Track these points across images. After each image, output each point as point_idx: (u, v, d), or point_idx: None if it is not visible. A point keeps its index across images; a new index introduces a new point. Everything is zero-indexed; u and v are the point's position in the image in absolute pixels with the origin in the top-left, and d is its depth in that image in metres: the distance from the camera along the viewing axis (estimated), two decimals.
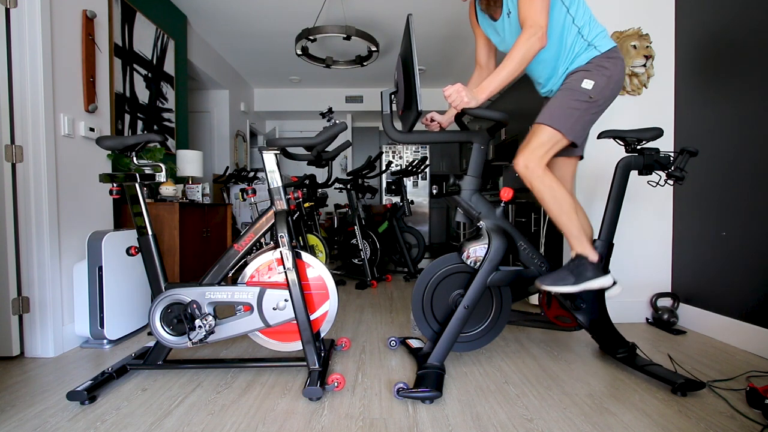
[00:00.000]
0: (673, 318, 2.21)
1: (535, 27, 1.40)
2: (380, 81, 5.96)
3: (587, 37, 1.53)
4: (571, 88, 1.53)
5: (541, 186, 1.51)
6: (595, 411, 1.33)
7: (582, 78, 1.51)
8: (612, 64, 1.52)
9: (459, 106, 1.44)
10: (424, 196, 6.71)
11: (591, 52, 1.53)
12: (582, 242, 1.54)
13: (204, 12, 3.85)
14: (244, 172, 4.55)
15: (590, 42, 1.53)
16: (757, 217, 1.84)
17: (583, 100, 1.50)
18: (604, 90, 1.50)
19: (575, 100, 1.50)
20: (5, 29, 1.78)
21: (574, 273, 1.52)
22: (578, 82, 1.52)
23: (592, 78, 1.50)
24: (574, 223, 1.54)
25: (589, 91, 1.49)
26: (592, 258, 1.53)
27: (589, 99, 1.49)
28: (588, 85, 1.49)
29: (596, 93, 1.49)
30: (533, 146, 1.52)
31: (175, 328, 1.57)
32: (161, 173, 1.61)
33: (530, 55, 1.43)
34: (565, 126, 1.49)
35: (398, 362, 1.76)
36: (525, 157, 1.52)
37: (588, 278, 1.50)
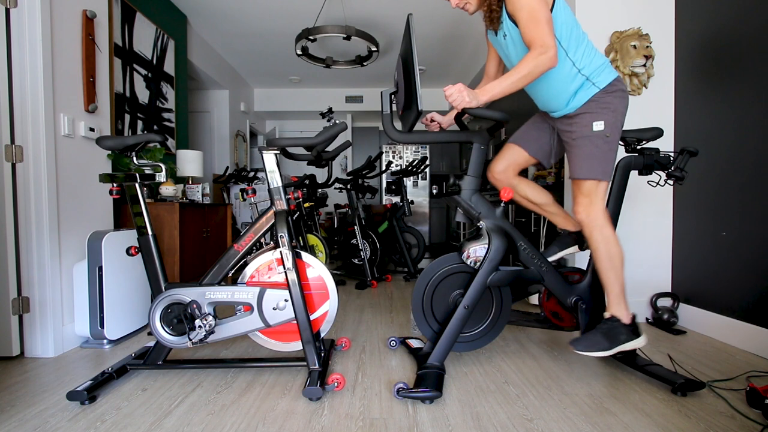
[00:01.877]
0: (673, 318, 2.21)
1: (546, 46, 1.39)
2: (380, 81, 5.96)
3: (584, 72, 1.52)
4: (586, 136, 1.53)
5: (600, 237, 1.53)
6: (595, 411, 1.33)
7: (590, 122, 1.52)
8: (613, 98, 1.52)
9: (460, 106, 1.44)
10: (424, 196, 6.71)
11: (590, 89, 1.52)
12: (620, 304, 1.54)
13: (204, 12, 3.85)
14: (244, 172, 4.55)
15: (588, 77, 1.52)
16: (757, 217, 1.84)
17: (603, 142, 1.51)
18: (615, 124, 1.52)
19: (596, 147, 1.52)
20: (5, 29, 1.78)
21: (608, 337, 1.51)
22: (588, 127, 1.52)
23: (600, 118, 1.51)
24: (620, 282, 1.54)
25: (603, 131, 1.51)
26: (626, 320, 1.53)
27: (606, 138, 1.51)
28: (600, 127, 1.51)
29: (609, 130, 1.51)
30: (584, 196, 1.55)
31: (175, 328, 1.57)
32: (161, 173, 1.61)
33: (538, 72, 1.42)
34: (600, 172, 1.52)
35: (398, 362, 1.76)
36: (586, 208, 1.55)
37: (622, 341, 1.50)
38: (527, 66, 1.41)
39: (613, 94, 1.52)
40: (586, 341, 1.52)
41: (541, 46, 1.40)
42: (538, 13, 1.39)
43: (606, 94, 1.51)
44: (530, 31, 1.41)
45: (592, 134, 1.52)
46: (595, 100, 1.52)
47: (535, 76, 1.43)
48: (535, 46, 1.41)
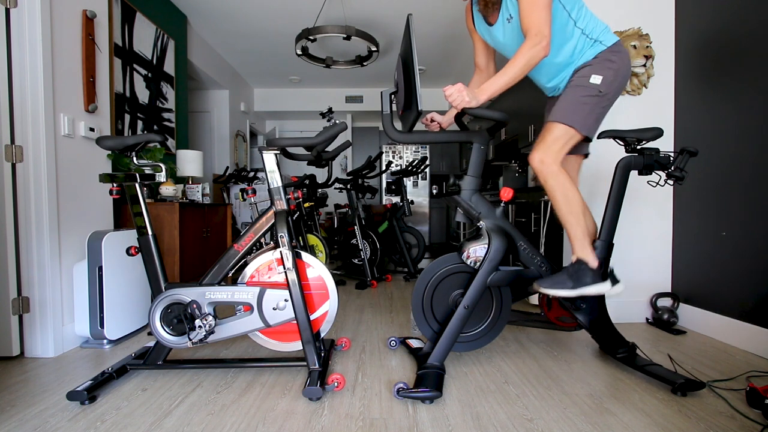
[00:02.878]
0: (673, 318, 2.21)
1: (540, 36, 1.41)
2: (380, 81, 5.96)
3: (591, 35, 1.55)
4: (580, 84, 1.54)
5: (555, 183, 1.52)
6: (595, 411, 1.33)
7: (590, 73, 1.53)
8: (618, 58, 1.53)
9: (460, 106, 1.44)
10: (424, 196, 6.71)
11: (597, 47, 1.55)
12: (584, 247, 1.54)
13: (204, 12, 3.85)
14: (244, 172, 4.55)
15: (595, 38, 1.55)
16: (757, 217, 1.84)
17: (593, 94, 1.51)
18: (612, 83, 1.52)
19: (585, 96, 1.52)
20: (5, 29, 1.78)
21: (573, 278, 1.52)
22: (586, 78, 1.53)
23: (600, 72, 1.51)
24: (581, 226, 1.54)
25: (598, 85, 1.51)
26: (592, 264, 1.53)
27: (599, 93, 1.51)
28: (596, 80, 1.51)
29: (605, 87, 1.51)
30: (548, 142, 1.53)
31: (175, 328, 1.57)
32: (161, 173, 1.61)
33: (533, 63, 1.44)
34: (578, 121, 1.51)
35: (398, 362, 1.76)
36: (540, 152, 1.53)
37: (586, 284, 1.51)
38: (523, 58, 1.42)
39: (618, 53, 1.54)
40: (551, 280, 1.53)
41: (536, 35, 1.41)
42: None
43: (611, 53, 1.53)
44: (528, 15, 1.43)
45: (586, 84, 1.53)
46: (599, 57, 1.54)
47: (531, 67, 1.44)
48: (530, 35, 1.42)
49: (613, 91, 1.53)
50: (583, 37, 1.55)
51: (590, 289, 1.51)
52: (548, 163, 1.51)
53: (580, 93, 1.53)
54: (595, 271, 1.53)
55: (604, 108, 1.55)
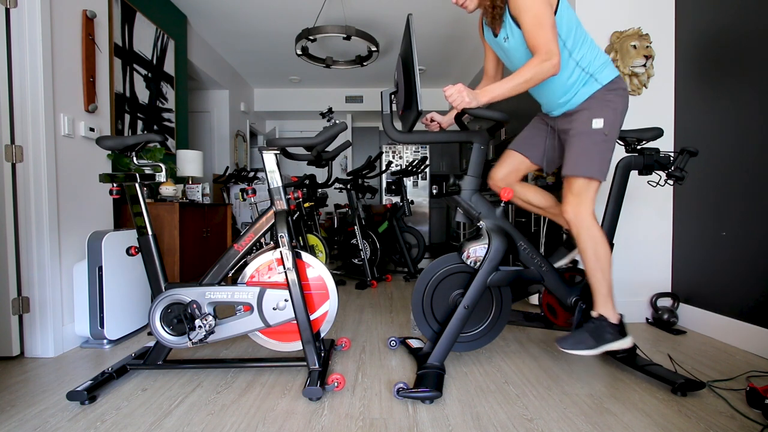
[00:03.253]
0: (673, 318, 2.21)
1: (551, 54, 1.38)
2: (380, 81, 5.96)
3: (587, 69, 1.52)
4: (584, 132, 1.52)
5: (587, 237, 1.52)
6: (595, 411, 1.33)
7: (590, 119, 1.51)
8: (614, 96, 1.51)
9: (460, 106, 1.44)
10: (424, 196, 6.71)
11: (592, 85, 1.52)
12: (607, 303, 1.53)
13: (204, 12, 3.85)
14: (244, 172, 4.55)
15: (591, 74, 1.52)
16: (757, 217, 1.84)
17: (600, 140, 1.50)
18: (614, 123, 1.51)
19: (594, 144, 1.51)
20: (5, 29, 1.78)
21: (594, 336, 1.50)
22: (587, 124, 1.51)
23: (600, 115, 1.50)
24: (607, 283, 1.53)
25: (601, 129, 1.50)
26: (613, 320, 1.52)
27: (605, 136, 1.50)
28: (599, 125, 1.50)
29: (608, 128, 1.50)
30: (575, 195, 1.53)
31: (175, 328, 1.57)
32: (161, 173, 1.61)
33: (539, 78, 1.41)
34: (596, 170, 1.51)
35: (398, 362, 1.76)
36: (573, 206, 1.54)
37: (607, 341, 1.50)
38: (530, 71, 1.40)
39: (615, 91, 1.51)
40: (572, 339, 1.52)
41: (546, 53, 1.39)
42: (543, 17, 1.38)
43: (608, 92, 1.51)
44: (534, 37, 1.40)
45: (590, 131, 1.51)
46: (596, 97, 1.52)
47: (537, 81, 1.42)
48: (540, 53, 1.40)
49: (616, 130, 1.53)
50: (578, 69, 1.52)
51: (612, 346, 1.50)
52: (583, 216, 1.52)
53: (587, 141, 1.52)
54: (615, 326, 1.52)
55: (612, 147, 1.54)
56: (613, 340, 1.50)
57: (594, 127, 1.50)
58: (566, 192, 1.57)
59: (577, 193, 1.54)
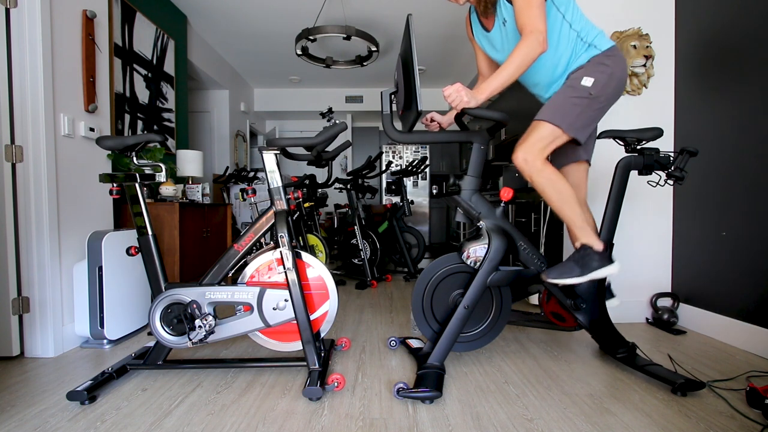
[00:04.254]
0: (673, 318, 2.21)
1: (536, 32, 1.40)
2: (380, 81, 5.96)
3: (586, 39, 1.54)
4: (571, 85, 1.53)
5: (541, 179, 1.51)
6: (595, 411, 1.33)
7: (582, 76, 1.52)
8: (612, 62, 1.51)
9: (459, 106, 1.44)
10: (424, 196, 6.71)
11: (591, 51, 1.53)
12: (586, 232, 1.54)
13: (204, 12, 3.85)
14: (244, 172, 4.55)
15: (590, 42, 1.54)
16: (757, 217, 1.84)
17: (583, 96, 1.50)
18: (605, 87, 1.50)
19: (575, 97, 1.51)
20: (5, 29, 1.78)
21: (580, 264, 1.51)
22: (578, 80, 1.52)
23: (592, 75, 1.50)
24: (577, 214, 1.53)
25: (588, 87, 1.49)
26: (597, 247, 1.52)
27: (589, 95, 1.49)
28: (588, 82, 1.49)
29: (597, 89, 1.49)
30: (532, 141, 1.52)
31: (175, 328, 1.57)
32: (161, 173, 1.61)
33: (530, 58, 1.42)
34: (565, 121, 1.49)
35: (398, 362, 1.76)
36: (524, 151, 1.51)
37: (594, 268, 1.50)
38: (519, 55, 1.42)
39: (613, 57, 1.52)
40: (558, 269, 1.52)
41: (531, 32, 1.40)
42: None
43: (605, 57, 1.52)
44: (523, 15, 1.42)
45: (577, 85, 1.51)
46: (592, 61, 1.53)
47: (528, 64, 1.43)
48: (526, 32, 1.42)
49: (606, 95, 1.51)
50: (579, 39, 1.54)
51: (598, 273, 1.49)
52: (531, 160, 1.50)
53: (570, 93, 1.52)
54: (601, 254, 1.52)
55: (596, 111, 1.53)
56: (600, 266, 1.50)
57: (582, 83, 1.50)
58: (524, 137, 1.55)
59: (535, 138, 1.51)
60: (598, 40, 1.54)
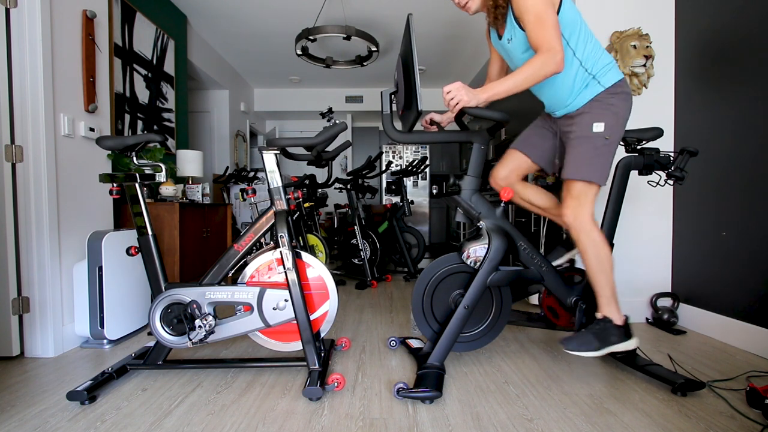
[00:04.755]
0: (673, 318, 2.21)
1: (553, 51, 1.37)
2: (380, 81, 5.95)
3: (591, 71, 1.51)
4: (585, 136, 1.51)
5: (588, 241, 1.52)
6: (595, 411, 1.33)
7: (591, 122, 1.50)
8: (617, 100, 1.50)
9: (458, 105, 1.44)
10: (424, 196, 6.71)
11: (595, 87, 1.51)
12: (611, 305, 1.53)
13: (204, 12, 3.85)
14: (244, 172, 4.55)
15: (594, 75, 1.51)
16: (757, 217, 1.84)
17: (601, 144, 1.49)
18: (615, 127, 1.50)
19: (594, 148, 1.50)
20: (5, 29, 1.78)
21: (599, 337, 1.50)
22: (588, 128, 1.51)
23: (601, 119, 1.49)
24: (610, 285, 1.53)
25: (602, 133, 1.49)
26: (618, 321, 1.52)
27: (605, 141, 1.49)
28: (599, 128, 1.49)
29: (609, 132, 1.49)
30: (574, 198, 1.53)
31: (175, 328, 1.57)
32: (161, 173, 1.61)
33: (542, 75, 1.40)
34: (596, 175, 1.50)
35: (398, 362, 1.76)
36: (572, 210, 1.53)
37: (612, 343, 1.49)
38: (532, 68, 1.39)
39: (618, 95, 1.50)
40: (577, 340, 1.52)
41: (548, 51, 1.38)
42: (545, 16, 1.38)
43: (610, 95, 1.50)
44: (537, 35, 1.40)
45: (591, 135, 1.50)
46: (598, 100, 1.51)
47: (539, 79, 1.41)
48: (542, 50, 1.39)
49: (617, 134, 1.51)
50: (582, 69, 1.51)
51: (616, 348, 1.50)
52: (582, 220, 1.52)
53: (588, 146, 1.51)
54: (620, 328, 1.52)
55: (614, 151, 1.53)
56: (618, 342, 1.50)
57: (594, 131, 1.50)
58: (565, 195, 1.57)
59: (576, 196, 1.53)
60: (603, 75, 1.50)
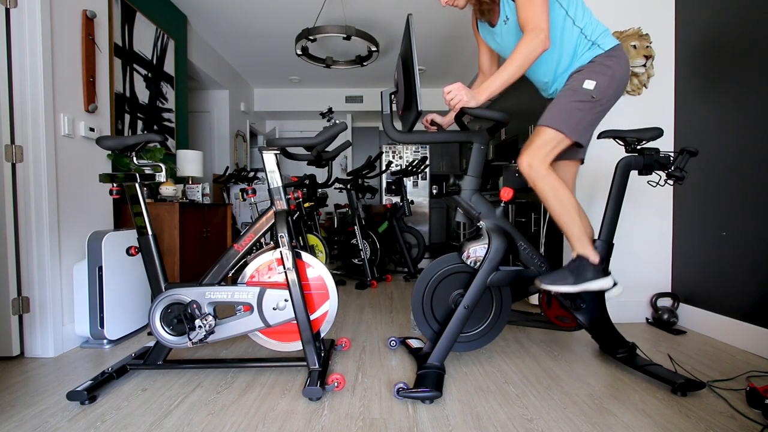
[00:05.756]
0: (673, 318, 2.21)
1: (537, 30, 1.39)
2: (380, 81, 5.96)
3: (590, 37, 1.53)
4: (573, 88, 1.52)
5: (545, 185, 1.51)
6: (595, 411, 1.33)
7: (583, 78, 1.51)
8: (614, 63, 1.51)
9: (458, 105, 1.44)
10: (424, 196, 6.71)
11: (594, 50, 1.53)
12: (583, 243, 1.54)
13: (204, 12, 3.85)
14: (244, 172, 4.55)
15: (594, 41, 1.53)
16: (757, 217, 1.84)
17: (585, 100, 1.49)
18: (606, 89, 1.50)
19: (577, 101, 1.50)
20: (5, 29, 1.78)
21: (574, 273, 1.52)
22: (579, 82, 1.51)
23: (594, 78, 1.49)
24: (576, 224, 1.53)
25: (590, 91, 1.49)
26: (593, 259, 1.53)
27: (591, 99, 1.49)
28: (590, 86, 1.49)
29: (598, 93, 1.49)
30: (537, 146, 1.52)
31: (175, 328, 1.57)
32: (161, 173, 1.61)
33: (532, 57, 1.42)
34: (568, 126, 1.49)
35: (398, 362, 1.76)
36: (529, 156, 1.52)
37: (588, 279, 1.50)
38: (521, 55, 1.41)
39: (615, 58, 1.51)
40: (552, 276, 1.52)
41: (533, 30, 1.40)
42: None
43: (607, 57, 1.51)
44: (525, 11, 1.42)
45: (578, 89, 1.50)
46: (595, 61, 1.52)
47: (530, 62, 1.42)
48: (527, 30, 1.41)
49: (607, 97, 1.51)
50: (582, 37, 1.53)
51: (592, 285, 1.50)
52: (536, 166, 1.50)
53: (571, 98, 1.51)
54: (597, 266, 1.52)
55: (598, 114, 1.53)
56: (594, 278, 1.50)
57: (584, 86, 1.49)
58: (528, 142, 1.56)
59: (539, 144, 1.52)
60: (602, 39, 1.53)
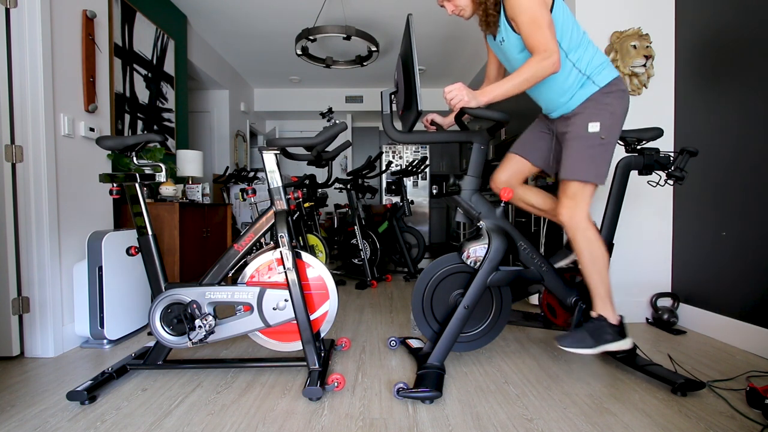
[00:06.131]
0: (673, 318, 2.21)
1: (549, 51, 1.38)
2: (380, 81, 5.95)
3: (584, 71, 1.51)
4: (580, 136, 1.51)
5: (583, 240, 1.52)
6: (595, 411, 1.33)
7: (586, 123, 1.50)
8: (612, 99, 1.50)
9: (458, 105, 1.44)
10: (424, 196, 6.71)
11: (589, 87, 1.51)
12: (605, 304, 1.53)
13: (204, 12, 3.85)
14: (244, 172, 4.55)
15: (588, 76, 1.51)
16: (757, 217, 1.84)
17: (597, 144, 1.49)
18: (612, 127, 1.49)
19: (590, 147, 1.50)
20: (5, 29, 1.78)
21: (594, 335, 1.50)
22: (583, 128, 1.50)
23: (596, 119, 1.49)
24: (604, 283, 1.53)
25: (597, 133, 1.49)
26: (612, 320, 1.52)
27: (602, 140, 1.49)
28: (595, 128, 1.49)
29: (605, 132, 1.49)
30: (574, 199, 1.53)
31: (175, 328, 1.57)
32: (161, 173, 1.61)
33: (540, 76, 1.41)
34: (592, 174, 1.50)
35: (398, 362, 1.76)
36: (569, 209, 1.53)
37: (607, 341, 1.49)
38: (529, 70, 1.40)
39: (613, 94, 1.50)
40: (571, 338, 1.52)
41: (544, 51, 1.38)
42: (539, 17, 1.38)
43: (604, 95, 1.50)
44: (532, 37, 1.40)
45: (586, 135, 1.50)
46: (593, 100, 1.51)
47: (537, 80, 1.42)
48: (538, 51, 1.39)
49: (614, 133, 1.50)
50: (575, 70, 1.51)
51: (611, 347, 1.50)
52: (578, 219, 1.52)
53: (584, 145, 1.51)
54: (615, 327, 1.52)
55: (611, 150, 1.52)
56: (613, 340, 1.50)
57: (590, 131, 1.50)
58: (561, 195, 1.57)
59: (571, 196, 1.53)
60: (597, 74, 1.51)
